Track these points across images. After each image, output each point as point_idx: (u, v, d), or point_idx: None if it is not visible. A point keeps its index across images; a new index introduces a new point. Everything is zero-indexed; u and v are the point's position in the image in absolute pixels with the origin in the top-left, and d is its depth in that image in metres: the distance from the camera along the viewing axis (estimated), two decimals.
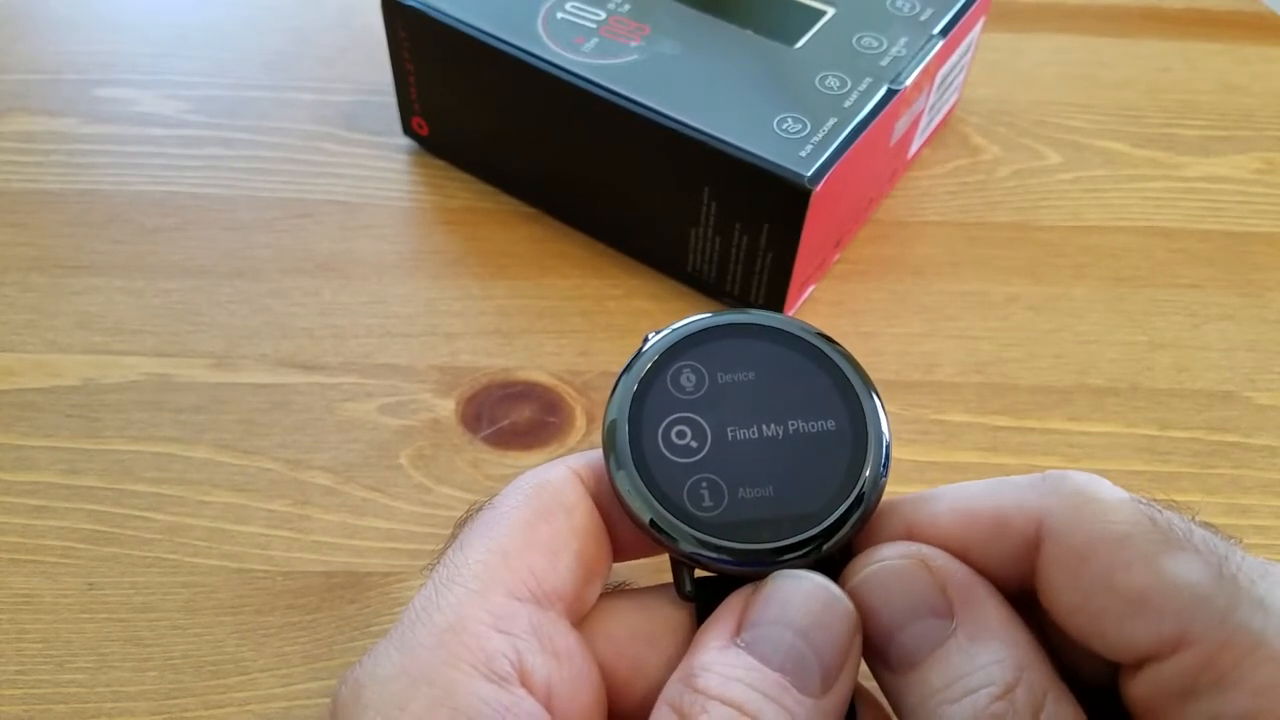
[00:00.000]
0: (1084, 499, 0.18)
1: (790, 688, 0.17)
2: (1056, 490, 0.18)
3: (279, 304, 0.34)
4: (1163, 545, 0.17)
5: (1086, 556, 0.17)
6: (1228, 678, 0.16)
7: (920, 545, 0.19)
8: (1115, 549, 0.17)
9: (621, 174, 0.33)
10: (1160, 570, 0.17)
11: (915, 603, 0.18)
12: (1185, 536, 0.17)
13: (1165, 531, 0.17)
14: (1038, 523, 0.18)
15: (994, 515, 0.19)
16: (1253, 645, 0.16)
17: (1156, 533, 0.17)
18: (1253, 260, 0.37)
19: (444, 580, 0.19)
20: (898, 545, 0.19)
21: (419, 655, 0.17)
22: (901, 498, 0.20)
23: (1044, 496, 0.18)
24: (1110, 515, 0.17)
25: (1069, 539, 0.18)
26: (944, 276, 0.36)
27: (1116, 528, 0.17)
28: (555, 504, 0.20)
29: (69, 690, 0.26)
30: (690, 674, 0.18)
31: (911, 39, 0.34)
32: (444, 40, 0.34)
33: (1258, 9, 0.47)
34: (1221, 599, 0.16)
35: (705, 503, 0.19)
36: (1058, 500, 0.18)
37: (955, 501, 0.19)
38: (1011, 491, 0.19)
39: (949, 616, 0.18)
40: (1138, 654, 0.17)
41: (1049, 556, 0.18)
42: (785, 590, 0.18)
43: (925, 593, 0.18)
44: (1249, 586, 0.16)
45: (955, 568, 0.19)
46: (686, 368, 0.20)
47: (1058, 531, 0.18)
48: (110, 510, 0.29)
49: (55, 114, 0.39)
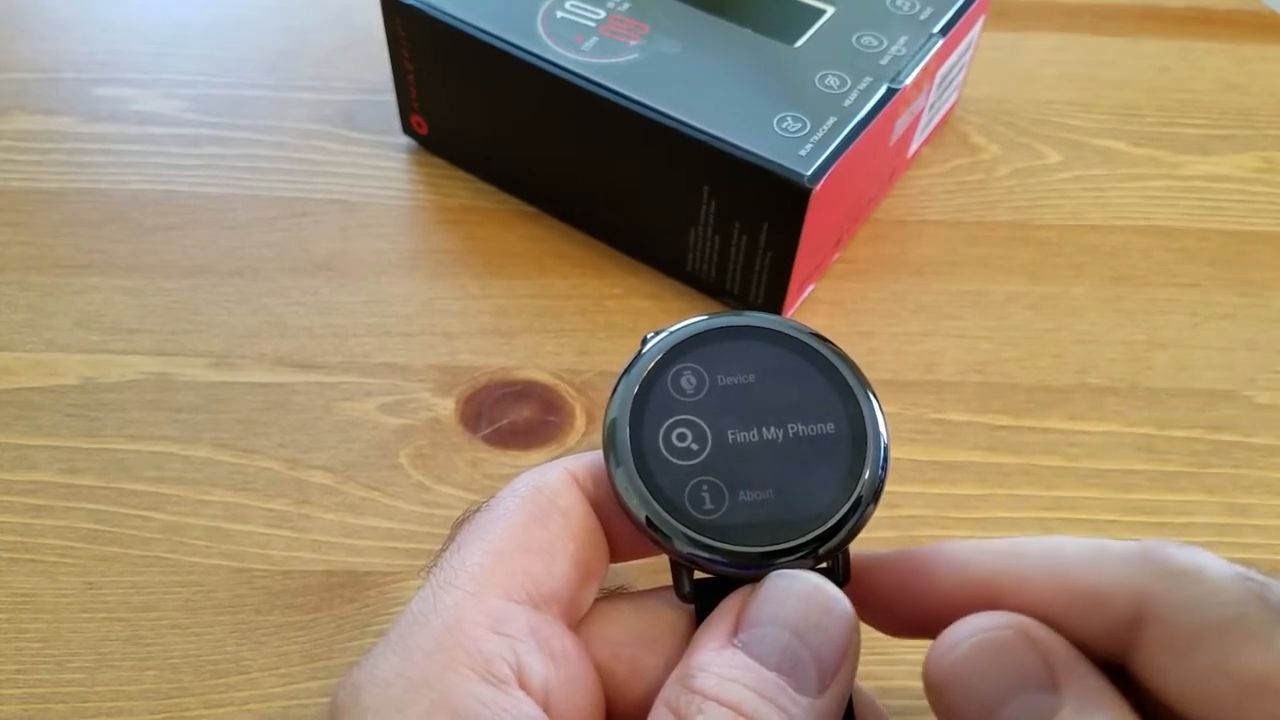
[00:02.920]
0: (1190, 579, 0.17)
1: (787, 688, 0.17)
2: (1160, 570, 0.17)
3: (278, 303, 0.34)
4: (1277, 624, 0.16)
5: (1197, 642, 0.16)
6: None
7: (1019, 616, 0.18)
8: (1228, 633, 0.16)
9: (621, 173, 0.33)
10: (1278, 651, 0.16)
11: (1020, 677, 0.17)
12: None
13: (1278, 610, 0.16)
14: (1139, 602, 0.17)
15: (1092, 589, 0.18)
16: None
17: (1269, 611, 0.16)
18: (1252, 260, 0.37)
19: (441, 583, 0.19)
20: (995, 615, 0.18)
21: (417, 658, 0.17)
22: (980, 546, 0.19)
23: (1145, 574, 0.17)
24: (1219, 596, 0.16)
25: (1177, 623, 0.17)
26: (943, 276, 0.36)
27: (1228, 610, 0.16)
28: (552, 506, 0.20)
29: (69, 690, 0.26)
30: (687, 675, 0.18)
31: (911, 38, 0.34)
32: (443, 39, 0.34)
33: (1258, 8, 0.47)
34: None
35: (705, 505, 0.19)
36: (1162, 582, 0.17)
37: (1048, 565, 0.18)
38: (1110, 566, 0.18)
39: (1055, 690, 0.17)
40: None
41: (1155, 640, 0.17)
42: (781, 590, 0.18)
43: (1029, 666, 0.17)
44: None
45: (1056, 640, 0.18)
46: (687, 370, 0.20)
47: (1164, 615, 0.17)
48: (110, 509, 0.29)
49: (54, 113, 0.39)
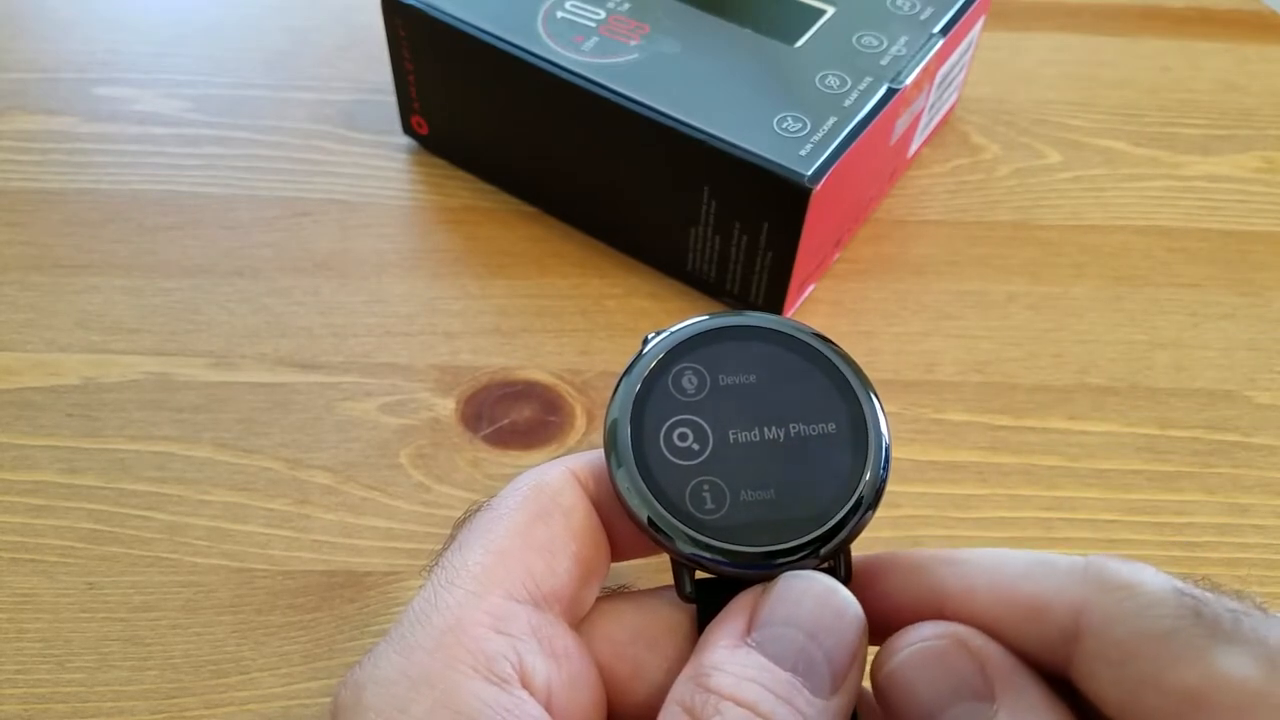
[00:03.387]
0: (1125, 592, 0.17)
1: (802, 689, 0.17)
2: (1100, 583, 0.17)
3: (278, 303, 0.34)
4: (1210, 640, 0.16)
5: (1131, 655, 0.16)
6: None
7: (957, 625, 0.18)
8: (1161, 647, 0.16)
9: (621, 173, 0.33)
10: (1211, 668, 0.16)
11: (956, 685, 0.18)
12: (1233, 628, 0.16)
13: (1213, 624, 0.16)
14: (1077, 614, 0.17)
15: (1032, 600, 0.18)
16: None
17: (1202, 626, 0.16)
18: (1253, 260, 0.37)
19: (443, 582, 0.19)
20: (935, 625, 0.19)
21: (419, 657, 0.17)
22: (931, 555, 0.20)
23: (1085, 586, 0.17)
24: (1154, 610, 0.16)
25: (1111, 635, 0.17)
26: (944, 276, 0.36)
27: (1161, 623, 0.16)
28: (553, 505, 0.20)
29: (69, 690, 0.26)
30: (701, 673, 0.18)
31: (911, 38, 0.34)
32: (444, 39, 0.34)
33: (1258, 8, 0.47)
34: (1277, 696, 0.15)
35: (707, 505, 0.19)
36: (1099, 593, 0.17)
37: (992, 577, 0.19)
38: (1051, 578, 0.18)
39: (990, 699, 0.17)
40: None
41: (1090, 651, 0.17)
42: (796, 591, 0.18)
43: (965, 674, 0.18)
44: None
45: (994, 649, 0.18)
46: (688, 370, 0.20)
47: (1100, 628, 0.17)
48: (110, 509, 0.29)
49: (54, 113, 0.39)
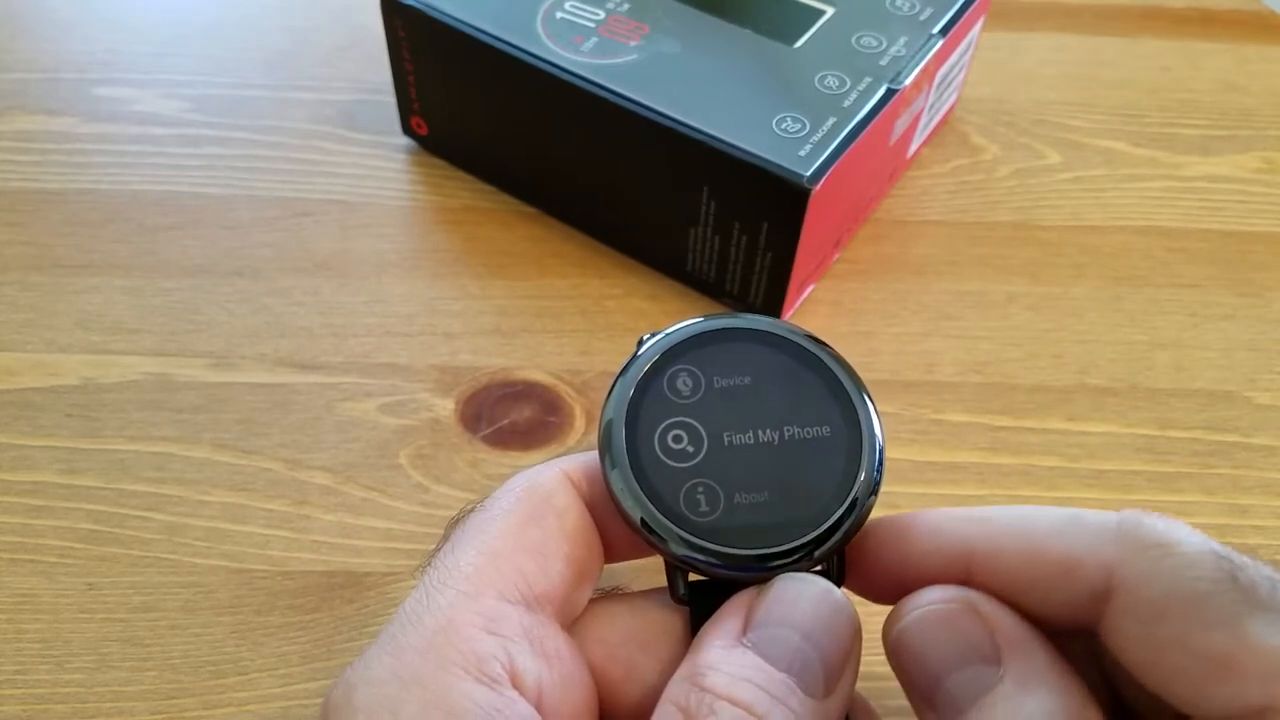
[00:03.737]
0: (1162, 551, 0.17)
1: (797, 689, 0.17)
2: (1133, 539, 0.17)
3: (278, 303, 0.34)
4: (1245, 606, 0.16)
5: (1163, 614, 0.16)
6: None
7: (968, 590, 0.19)
8: (1195, 608, 0.16)
9: (621, 174, 0.33)
10: (1244, 634, 0.15)
11: (963, 648, 0.18)
12: (1271, 595, 0.16)
13: (1249, 590, 0.16)
14: (1110, 572, 0.17)
15: (1063, 559, 0.18)
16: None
17: (1239, 592, 0.16)
18: (1253, 260, 0.37)
19: (435, 583, 0.19)
20: (945, 589, 0.19)
21: (410, 658, 0.17)
22: (956, 514, 0.19)
23: (1118, 544, 0.17)
24: (1190, 570, 0.16)
25: (1144, 594, 0.17)
26: (943, 276, 0.36)
27: (1197, 585, 0.16)
28: (546, 506, 0.20)
29: (68, 690, 0.26)
30: (696, 673, 0.18)
31: (911, 38, 0.34)
32: (443, 40, 0.34)
33: (1258, 9, 0.47)
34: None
35: (701, 507, 0.19)
36: (1134, 551, 0.17)
37: (1020, 536, 0.18)
38: (1082, 536, 0.18)
39: (997, 664, 0.18)
40: (1216, 718, 0.16)
41: (1121, 608, 0.17)
42: (792, 592, 0.18)
43: (974, 638, 0.18)
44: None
45: (1004, 614, 0.18)
46: (683, 372, 0.20)
47: (1132, 585, 0.17)
48: (109, 510, 0.29)
49: (54, 113, 0.39)
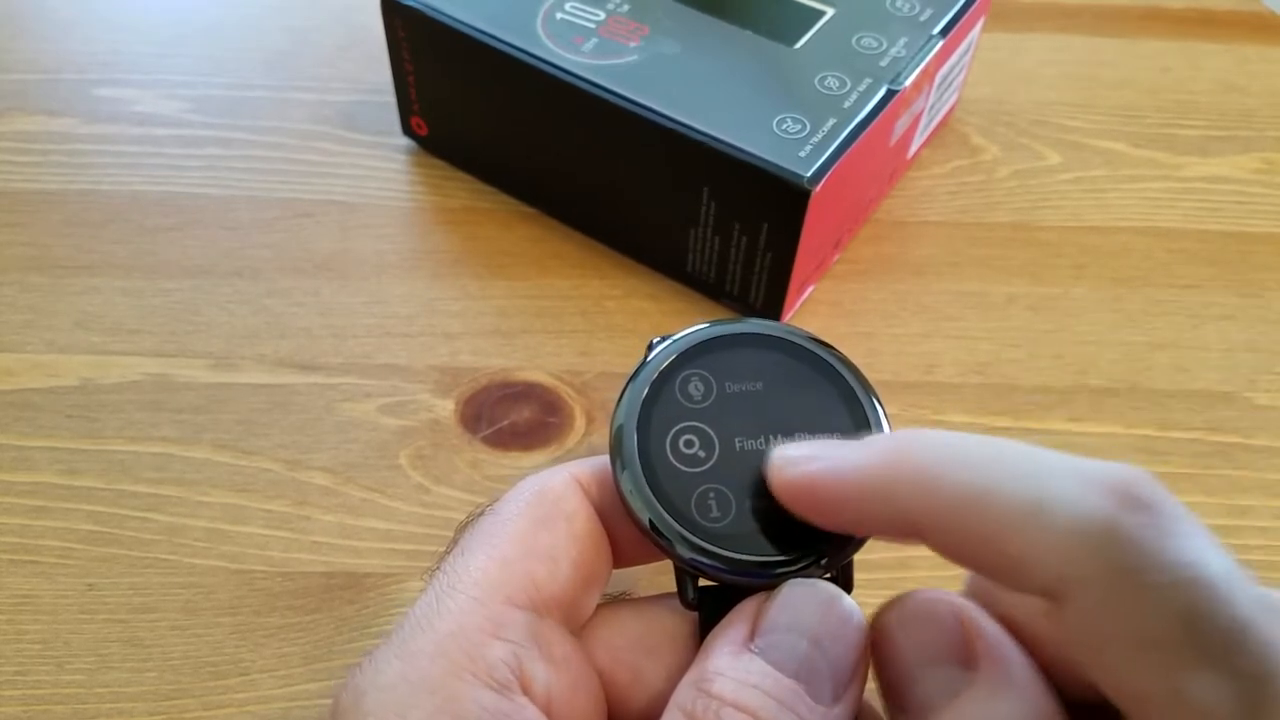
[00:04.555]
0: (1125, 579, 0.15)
1: (804, 696, 0.17)
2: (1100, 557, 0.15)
3: (278, 304, 0.34)
4: (1192, 658, 0.15)
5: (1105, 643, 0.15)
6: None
7: (956, 595, 0.19)
8: (1136, 651, 0.15)
9: (621, 174, 0.33)
10: (1178, 690, 0.15)
11: (941, 648, 0.18)
12: (1227, 648, 0.14)
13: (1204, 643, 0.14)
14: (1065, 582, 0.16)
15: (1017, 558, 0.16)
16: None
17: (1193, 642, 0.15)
18: (1252, 260, 0.37)
19: (445, 587, 0.19)
20: (933, 592, 0.19)
21: (420, 663, 0.17)
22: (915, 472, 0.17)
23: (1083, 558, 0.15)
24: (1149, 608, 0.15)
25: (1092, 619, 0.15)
26: (944, 277, 0.36)
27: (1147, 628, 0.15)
28: (556, 511, 0.20)
29: (68, 691, 0.26)
30: (704, 678, 0.18)
31: (911, 39, 0.34)
32: (443, 40, 0.34)
33: (1258, 9, 0.47)
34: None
35: (712, 512, 0.19)
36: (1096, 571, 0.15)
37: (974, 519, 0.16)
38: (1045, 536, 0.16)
39: (973, 668, 0.17)
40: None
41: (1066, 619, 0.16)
42: (800, 598, 0.18)
43: (952, 639, 0.18)
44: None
45: (985, 621, 0.18)
46: (694, 377, 0.20)
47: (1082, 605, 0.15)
48: (109, 511, 0.29)
49: (54, 114, 0.39)
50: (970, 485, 0.16)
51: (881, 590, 0.28)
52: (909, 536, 0.17)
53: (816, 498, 0.18)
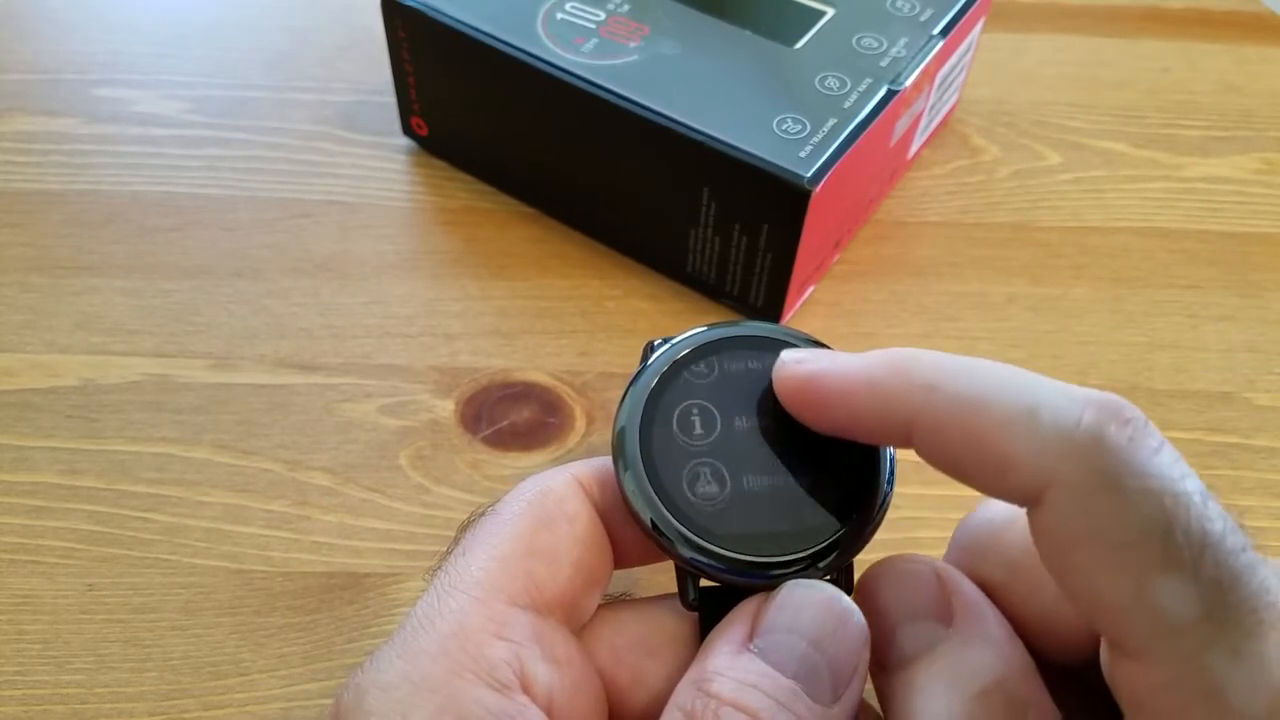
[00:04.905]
0: (1103, 484, 0.16)
1: (803, 695, 0.17)
2: (1080, 461, 0.16)
3: (278, 304, 0.34)
4: (1159, 564, 0.15)
5: (1076, 544, 0.16)
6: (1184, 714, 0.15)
7: (934, 559, 0.19)
8: (1109, 553, 0.16)
9: (621, 174, 0.33)
10: (1144, 591, 0.15)
11: (919, 604, 0.19)
12: (1194, 556, 0.15)
13: (1173, 552, 0.15)
14: (1045, 484, 0.16)
15: (1001, 458, 0.17)
16: (1207, 692, 0.15)
17: (1163, 550, 0.15)
18: (1252, 261, 0.37)
19: (446, 586, 0.19)
20: (914, 556, 0.19)
21: (422, 663, 0.17)
22: (912, 372, 0.18)
23: (1064, 462, 0.16)
24: (1123, 513, 0.16)
25: (1067, 520, 0.16)
26: (943, 277, 0.36)
27: (1120, 532, 0.16)
28: (557, 511, 0.20)
29: (68, 691, 0.26)
30: (703, 678, 0.18)
31: (911, 39, 0.34)
32: (443, 40, 0.34)
33: (1258, 9, 0.47)
34: (1194, 638, 0.15)
35: (711, 512, 0.19)
36: (1075, 475, 0.16)
37: (967, 418, 0.17)
38: (1031, 440, 0.16)
39: (948, 623, 0.18)
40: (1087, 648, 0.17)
41: (1042, 519, 0.17)
42: (799, 599, 0.18)
43: (930, 596, 0.19)
44: (1236, 624, 0.15)
45: (964, 583, 0.19)
46: (695, 379, 0.21)
47: (1058, 507, 0.16)
48: (109, 511, 0.29)
49: (54, 114, 0.39)
50: (967, 389, 0.17)
51: None
52: (902, 439, 0.18)
53: (819, 394, 0.19)
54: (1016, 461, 0.16)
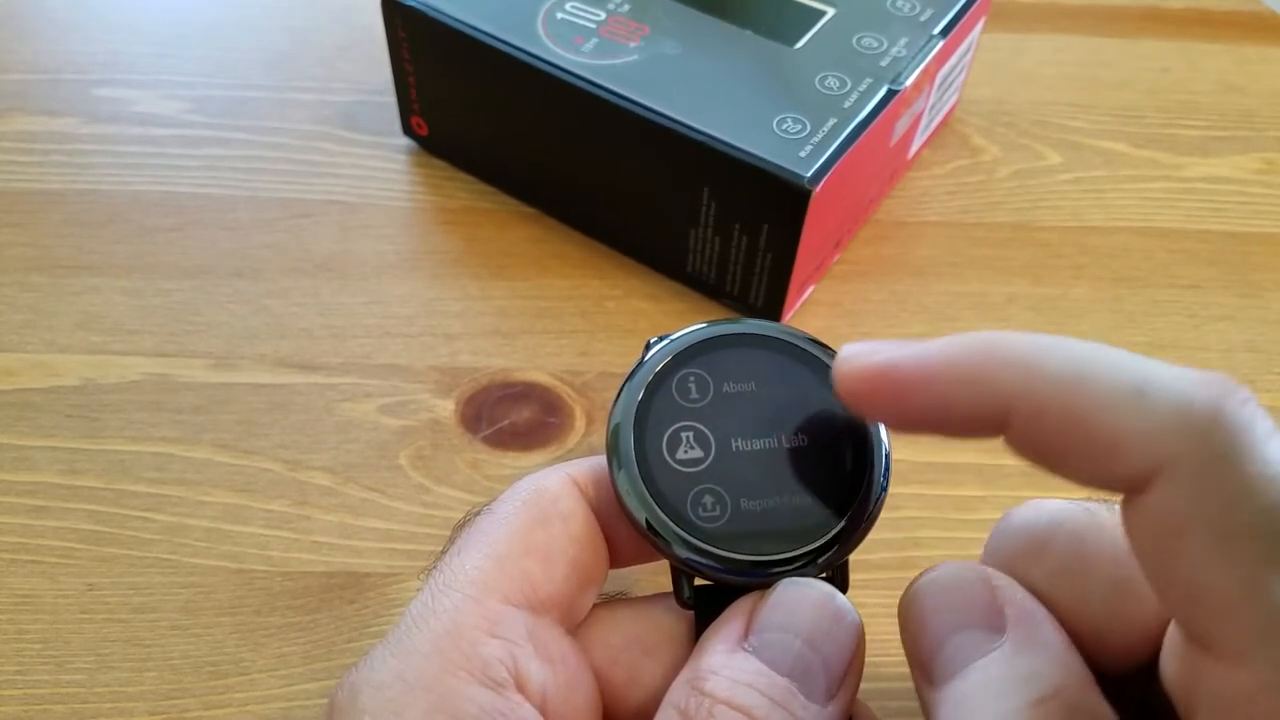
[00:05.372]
0: (1223, 467, 0.15)
1: (797, 694, 0.17)
2: (1197, 441, 0.15)
3: (278, 304, 0.34)
4: (1273, 560, 0.14)
5: (1184, 531, 0.15)
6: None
7: (982, 566, 0.18)
8: (1219, 542, 0.15)
9: (621, 174, 0.33)
10: (1257, 582, 0.14)
11: (970, 614, 0.18)
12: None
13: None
14: (1157, 468, 0.15)
15: (1110, 441, 0.15)
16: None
17: (1274, 546, 0.14)
18: (1253, 261, 0.37)
19: (440, 585, 0.19)
20: (962, 562, 0.19)
21: (416, 661, 0.17)
22: (1010, 351, 0.17)
23: (1178, 442, 0.15)
24: (1240, 499, 0.14)
25: (1179, 505, 0.15)
26: (944, 277, 0.36)
27: (1235, 518, 0.14)
28: (552, 510, 0.20)
29: (68, 691, 0.26)
30: (698, 677, 0.18)
31: (911, 39, 0.34)
32: (443, 40, 0.34)
33: (1258, 9, 0.47)
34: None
35: (706, 512, 0.19)
36: (1190, 456, 0.15)
37: (1071, 401, 0.16)
38: (1142, 421, 0.15)
39: (1000, 632, 0.17)
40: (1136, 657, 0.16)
41: (1149, 505, 0.15)
42: (793, 597, 0.18)
43: (980, 604, 0.18)
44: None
45: (1016, 590, 0.18)
46: (691, 377, 0.21)
47: (1171, 490, 0.15)
48: (110, 510, 0.29)
49: (55, 114, 0.39)
50: (1069, 369, 0.16)
51: (881, 590, 0.28)
52: (993, 427, 0.16)
53: (897, 385, 0.17)
54: (1127, 443, 0.15)
